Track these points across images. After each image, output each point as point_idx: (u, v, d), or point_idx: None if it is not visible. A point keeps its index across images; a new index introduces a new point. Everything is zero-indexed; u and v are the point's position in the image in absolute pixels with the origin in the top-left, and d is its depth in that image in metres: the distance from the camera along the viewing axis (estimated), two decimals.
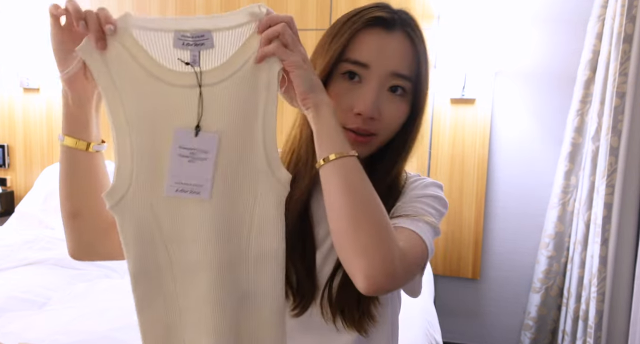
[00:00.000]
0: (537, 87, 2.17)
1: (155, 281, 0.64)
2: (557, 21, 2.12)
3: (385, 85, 0.69)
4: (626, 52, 1.67)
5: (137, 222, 0.62)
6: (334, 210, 0.61)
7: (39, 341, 1.25)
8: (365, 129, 0.69)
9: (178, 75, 0.60)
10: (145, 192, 0.61)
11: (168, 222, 0.63)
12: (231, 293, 0.64)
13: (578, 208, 1.98)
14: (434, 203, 0.74)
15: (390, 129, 0.71)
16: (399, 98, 0.70)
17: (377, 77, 0.68)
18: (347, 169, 0.60)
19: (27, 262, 1.86)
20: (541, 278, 2.11)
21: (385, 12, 0.70)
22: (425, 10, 2.18)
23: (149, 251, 0.63)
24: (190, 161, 0.61)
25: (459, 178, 2.25)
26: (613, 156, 1.71)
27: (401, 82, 0.69)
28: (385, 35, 0.69)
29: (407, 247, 0.62)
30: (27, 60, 2.58)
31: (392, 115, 0.70)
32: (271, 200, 0.64)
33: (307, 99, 0.62)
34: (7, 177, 2.75)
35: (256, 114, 0.62)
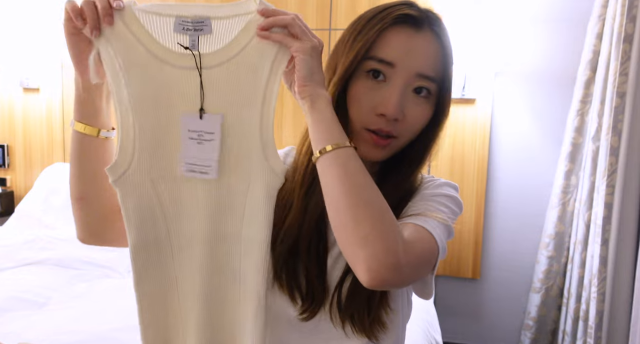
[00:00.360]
0: (537, 87, 2.17)
1: (154, 253, 0.66)
2: (557, 21, 2.12)
3: (411, 86, 0.67)
4: (626, 52, 1.67)
5: (137, 197, 0.64)
6: (332, 202, 0.59)
7: (39, 341, 1.25)
8: (388, 131, 0.67)
9: (180, 57, 0.62)
10: (146, 168, 0.64)
11: (167, 198, 0.65)
12: (222, 266, 0.67)
13: (578, 208, 1.98)
14: (447, 202, 0.71)
15: (412, 131, 0.69)
16: (424, 100, 0.68)
17: (402, 77, 0.66)
18: (344, 159, 0.59)
19: (27, 262, 1.86)
20: (541, 278, 2.11)
21: (414, 11, 0.68)
22: None
23: (148, 224, 0.65)
24: (199, 143, 0.63)
25: (459, 178, 2.25)
26: (613, 156, 1.71)
27: (427, 83, 0.67)
28: (413, 34, 0.67)
29: (413, 241, 0.60)
30: (27, 60, 2.58)
31: (416, 117, 0.68)
32: (261, 188, 0.64)
33: (305, 87, 0.61)
34: (7, 177, 2.75)
35: (255, 98, 0.63)
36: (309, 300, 0.72)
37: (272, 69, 0.62)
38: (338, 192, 0.58)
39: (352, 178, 0.58)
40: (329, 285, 0.73)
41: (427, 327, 1.56)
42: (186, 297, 0.68)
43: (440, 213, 0.68)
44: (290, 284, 0.72)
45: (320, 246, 0.73)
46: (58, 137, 2.68)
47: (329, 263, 0.73)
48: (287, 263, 0.72)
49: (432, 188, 0.74)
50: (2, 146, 2.72)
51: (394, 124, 0.67)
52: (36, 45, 2.55)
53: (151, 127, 0.63)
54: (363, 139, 0.68)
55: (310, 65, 0.61)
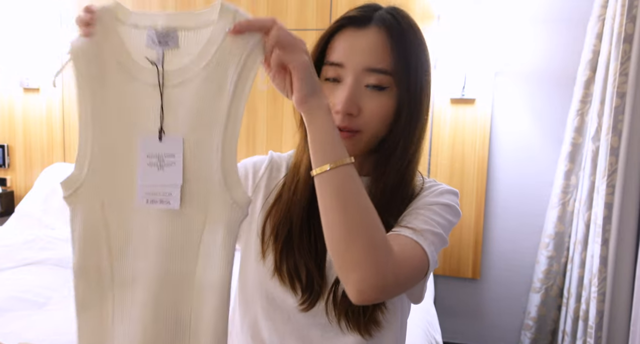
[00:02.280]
0: (537, 87, 2.17)
1: (94, 284, 0.61)
2: (557, 21, 2.12)
3: (362, 81, 0.69)
4: (626, 52, 1.67)
5: (85, 218, 0.59)
6: (327, 222, 0.60)
7: (39, 341, 1.25)
8: (346, 126, 0.69)
9: (147, 73, 0.58)
10: (97, 189, 0.59)
11: (115, 227, 0.60)
12: (167, 318, 0.59)
13: (578, 208, 1.98)
14: (445, 213, 0.72)
15: (374, 123, 0.70)
16: (379, 93, 0.69)
17: (351, 74, 0.68)
18: (341, 179, 0.59)
19: (27, 262, 1.86)
20: (541, 278, 2.11)
21: (357, 12, 0.71)
22: (425, 10, 2.18)
23: (92, 250, 0.60)
24: (159, 168, 0.58)
25: (459, 178, 2.25)
26: (613, 156, 1.71)
27: (378, 76, 0.68)
28: (356, 32, 0.69)
29: (404, 259, 0.62)
30: (27, 60, 2.58)
31: (372, 110, 0.69)
32: (221, 222, 0.58)
33: (305, 103, 0.60)
34: (7, 177, 2.75)
35: (218, 120, 0.57)
36: (309, 291, 0.74)
37: (238, 86, 0.57)
38: (332, 214, 0.59)
39: (347, 200, 0.59)
40: (328, 279, 0.74)
41: (427, 327, 1.56)
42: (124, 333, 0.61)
43: (436, 226, 0.69)
44: (290, 275, 0.74)
45: (319, 239, 0.74)
46: (58, 137, 2.68)
47: (327, 257, 0.75)
48: (288, 255, 0.74)
49: (433, 196, 0.74)
50: (2, 146, 2.72)
51: (351, 119, 0.69)
52: (36, 45, 2.55)
53: (109, 146, 0.59)
54: None
55: (313, 81, 0.60)
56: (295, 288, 0.74)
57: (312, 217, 0.74)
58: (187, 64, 0.57)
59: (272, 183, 0.81)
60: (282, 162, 0.84)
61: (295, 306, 0.75)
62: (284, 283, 0.74)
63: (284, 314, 0.76)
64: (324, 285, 0.74)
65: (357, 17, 0.70)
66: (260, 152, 2.71)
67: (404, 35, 0.69)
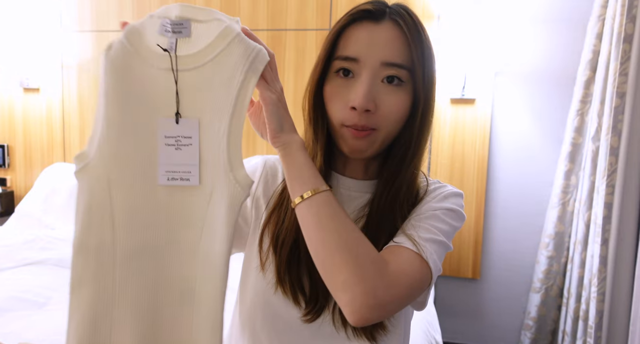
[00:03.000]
0: (537, 87, 2.17)
1: (93, 262, 0.61)
2: (557, 21, 2.12)
3: (379, 76, 0.66)
4: (626, 52, 1.67)
5: (91, 193, 0.61)
6: (311, 248, 0.62)
7: (39, 341, 1.25)
8: (363, 124, 0.66)
9: (160, 58, 0.61)
10: (105, 165, 0.61)
11: (122, 201, 0.61)
12: (172, 285, 0.63)
13: (578, 208, 1.98)
14: (448, 218, 0.70)
15: (390, 121, 0.68)
16: (396, 88, 0.67)
17: (368, 69, 0.66)
18: (318, 207, 0.61)
19: (27, 262, 1.86)
20: (541, 278, 2.11)
21: (371, 5, 0.69)
22: (425, 10, 2.18)
23: (95, 225, 0.61)
24: (177, 148, 0.61)
25: (459, 178, 2.25)
26: (613, 156, 1.71)
27: (395, 71, 0.66)
28: (372, 26, 0.67)
29: (400, 273, 0.61)
30: (27, 60, 2.58)
31: (390, 106, 0.67)
32: (224, 200, 0.61)
33: (276, 138, 0.64)
34: (7, 177, 2.75)
35: (226, 107, 0.61)
36: (313, 302, 0.72)
37: (246, 78, 0.61)
38: (315, 240, 0.61)
39: (326, 225, 0.60)
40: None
41: (427, 327, 1.56)
42: (124, 318, 0.61)
43: (438, 234, 0.67)
44: (293, 288, 0.72)
45: None
46: (58, 137, 2.68)
47: None
48: (290, 266, 0.72)
49: (437, 201, 0.72)
50: (2, 146, 2.72)
51: (368, 116, 0.66)
52: (36, 45, 2.55)
53: (120, 126, 0.60)
54: (343, 135, 0.69)
55: (279, 116, 0.64)
56: (299, 300, 0.72)
57: None
58: (198, 52, 0.61)
59: (269, 190, 0.79)
60: (278, 166, 0.82)
61: (298, 317, 0.73)
62: (287, 296, 0.73)
63: (286, 326, 0.74)
64: (328, 295, 0.72)
65: (371, 11, 0.68)
66: (260, 152, 2.71)
67: (416, 29, 0.67)
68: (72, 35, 2.59)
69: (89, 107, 2.63)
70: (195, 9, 0.61)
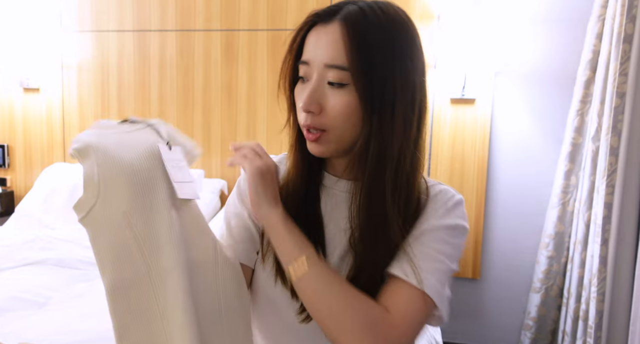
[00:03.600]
0: (537, 87, 2.17)
1: (134, 297, 0.60)
2: (557, 21, 2.12)
3: (325, 78, 0.66)
4: (626, 52, 1.67)
5: (110, 232, 0.59)
6: (311, 315, 0.67)
7: (39, 341, 1.25)
8: (310, 124, 0.68)
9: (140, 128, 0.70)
10: (114, 201, 0.59)
11: (141, 226, 0.61)
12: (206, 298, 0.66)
13: (578, 208, 1.98)
14: (453, 238, 0.70)
15: (337, 122, 0.66)
16: (339, 90, 0.66)
17: (316, 72, 0.67)
18: (300, 276, 0.65)
19: (27, 262, 1.86)
20: (541, 278, 2.11)
21: (327, 7, 0.69)
22: (425, 10, 2.18)
23: (124, 260, 0.60)
24: (178, 169, 0.67)
25: (459, 178, 2.25)
26: (613, 156, 1.71)
27: (336, 72, 0.65)
28: (321, 29, 0.67)
29: (402, 317, 0.63)
30: (27, 60, 2.58)
31: (334, 108, 0.66)
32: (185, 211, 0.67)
33: (257, 211, 0.70)
34: (7, 177, 2.75)
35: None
36: None
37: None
38: (307, 304, 0.66)
39: (312, 293, 0.65)
40: None
41: (427, 327, 1.55)
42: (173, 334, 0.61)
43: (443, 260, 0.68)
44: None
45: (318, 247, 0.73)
46: (58, 137, 2.68)
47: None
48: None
49: (440, 216, 0.71)
50: (2, 146, 2.72)
51: (314, 117, 0.67)
52: (36, 45, 2.55)
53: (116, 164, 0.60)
54: (305, 137, 0.71)
55: (255, 188, 0.69)
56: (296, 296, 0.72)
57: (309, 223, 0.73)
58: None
59: None
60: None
61: (294, 316, 0.73)
62: (286, 287, 0.73)
63: (284, 327, 0.75)
64: None
65: (322, 13, 0.68)
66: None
67: (367, 31, 0.64)
68: (72, 35, 2.59)
69: (89, 107, 2.63)
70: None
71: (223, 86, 2.48)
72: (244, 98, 2.46)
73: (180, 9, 2.47)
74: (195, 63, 2.49)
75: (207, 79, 2.49)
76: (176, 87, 2.52)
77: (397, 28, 0.67)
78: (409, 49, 0.67)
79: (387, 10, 0.67)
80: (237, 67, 2.45)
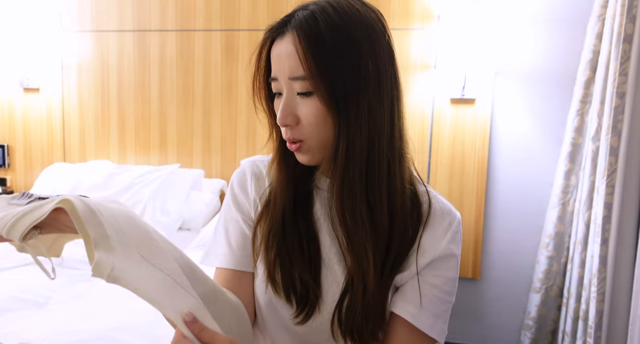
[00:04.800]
0: (537, 87, 2.17)
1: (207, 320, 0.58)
2: (557, 21, 2.12)
3: (294, 90, 0.67)
4: (626, 52, 1.67)
5: (142, 276, 0.57)
6: None
7: (39, 341, 1.25)
8: (290, 137, 0.69)
9: None
10: (132, 252, 0.58)
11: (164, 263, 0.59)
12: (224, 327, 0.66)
13: (578, 208, 1.98)
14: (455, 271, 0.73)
15: (312, 130, 0.67)
16: (307, 99, 0.67)
17: (284, 86, 0.68)
18: None
19: (27, 262, 1.86)
20: (541, 278, 2.11)
21: (278, 21, 0.69)
22: (425, 10, 2.18)
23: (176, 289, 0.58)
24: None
25: (459, 178, 2.25)
26: (613, 156, 1.71)
27: (300, 83, 0.66)
28: (279, 42, 0.68)
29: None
30: (27, 60, 2.58)
31: (307, 117, 0.67)
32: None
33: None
34: (7, 177, 2.75)
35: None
36: (303, 303, 0.72)
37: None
38: None
39: None
40: (325, 290, 0.73)
41: None
42: None
43: (450, 298, 0.73)
44: (286, 287, 0.72)
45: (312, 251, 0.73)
46: (58, 137, 2.68)
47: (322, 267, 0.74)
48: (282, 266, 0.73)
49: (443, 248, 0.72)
50: (2, 146, 2.72)
51: (292, 129, 0.69)
52: (36, 45, 2.55)
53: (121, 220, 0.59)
54: (288, 148, 0.72)
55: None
56: (291, 299, 0.73)
57: (301, 226, 0.73)
58: None
59: (260, 189, 0.80)
60: (261, 168, 0.83)
61: (289, 319, 0.73)
62: (279, 295, 0.73)
63: (281, 328, 0.75)
64: (320, 296, 0.72)
65: (275, 28, 0.69)
66: (260, 152, 2.71)
67: (320, 35, 0.64)
68: (72, 35, 2.59)
69: (89, 107, 2.63)
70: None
71: (223, 86, 2.48)
72: (244, 98, 2.46)
73: (180, 9, 2.47)
74: (195, 63, 2.49)
75: (207, 79, 2.49)
76: (176, 87, 2.52)
77: (352, 22, 0.65)
78: (367, 40, 0.66)
79: (339, 5, 0.66)
80: (237, 67, 2.45)
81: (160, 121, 2.57)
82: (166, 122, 2.56)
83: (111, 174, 2.39)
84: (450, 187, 2.26)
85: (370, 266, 0.67)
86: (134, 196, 2.29)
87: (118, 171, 2.41)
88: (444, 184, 2.27)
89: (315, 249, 0.74)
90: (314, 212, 0.76)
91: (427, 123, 2.26)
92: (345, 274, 0.71)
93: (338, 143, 0.67)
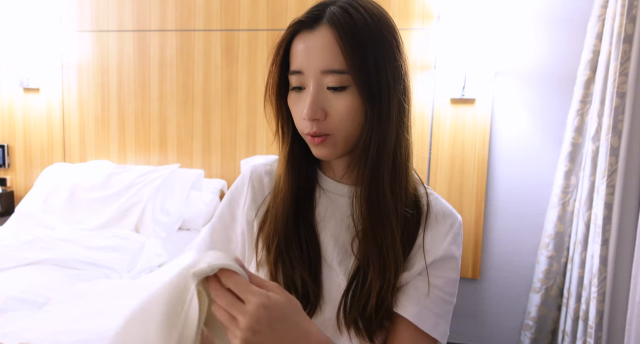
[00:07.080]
0: (537, 87, 2.17)
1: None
2: (557, 21, 2.12)
3: (324, 84, 0.67)
4: (626, 52, 1.67)
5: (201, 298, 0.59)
6: None
7: (39, 341, 1.25)
8: (316, 131, 0.68)
9: None
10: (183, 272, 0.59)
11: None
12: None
13: (578, 208, 1.98)
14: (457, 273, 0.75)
15: (342, 125, 0.68)
16: (341, 93, 0.67)
17: (312, 80, 0.67)
18: None
19: (27, 262, 1.86)
20: (541, 278, 2.11)
21: (307, 13, 0.69)
22: (425, 10, 2.18)
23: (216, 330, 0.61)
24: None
25: (459, 178, 2.25)
26: (613, 156, 1.71)
27: (335, 77, 0.66)
28: (307, 36, 0.68)
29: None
30: (27, 60, 2.58)
31: (339, 111, 0.67)
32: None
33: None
34: (7, 177, 2.75)
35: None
36: (304, 302, 0.72)
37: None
38: None
39: None
40: (326, 289, 0.73)
41: None
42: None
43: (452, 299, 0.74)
44: (287, 288, 0.73)
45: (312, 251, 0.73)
46: (58, 137, 2.68)
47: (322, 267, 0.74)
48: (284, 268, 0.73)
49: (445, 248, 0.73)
50: (2, 146, 2.72)
51: (319, 124, 0.68)
52: (36, 45, 2.55)
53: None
54: (308, 142, 0.72)
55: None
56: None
57: (301, 228, 0.74)
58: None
59: (258, 198, 0.80)
60: (263, 175, 0.83)
61: None
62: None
63: None
64: (320, 296, 0.73)
65: (306, 19, 0.68)
66: (260, 152, 2.71)
67: (357, 30, 0.66)
68: (72, 35, 2.59)
69: (89, 107, 2.63)
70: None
71: (223, 86, 2.48)
72: (244, 98, 2.46)
73: (180, 9, 2.47)
74: (195, 63, 2.49)
75: (207, 79, 2.49)
76: (176, 87, 2.52)
77: (380, 21, 0.68)
78: (394, 39, 0.69)
79: (365, 6, 0.68)
80: (237, 67, 2.45)
81: (160, 120, 2.57)
82: (166, 122, 2.56)
83: (111, 174, 2.39)
84: (450, 187, 2.26)
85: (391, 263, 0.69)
86: (134, 196, 2.29)
87: (118, 171, 2.41)
88: (444, 184, 2.27)
89: (316, 250, 0.74)
90: (317, 214, 0.76)
91: (427, 123, 2.26)
92: (350, 271, 0.72)
93: (369, 139, 0.68)
